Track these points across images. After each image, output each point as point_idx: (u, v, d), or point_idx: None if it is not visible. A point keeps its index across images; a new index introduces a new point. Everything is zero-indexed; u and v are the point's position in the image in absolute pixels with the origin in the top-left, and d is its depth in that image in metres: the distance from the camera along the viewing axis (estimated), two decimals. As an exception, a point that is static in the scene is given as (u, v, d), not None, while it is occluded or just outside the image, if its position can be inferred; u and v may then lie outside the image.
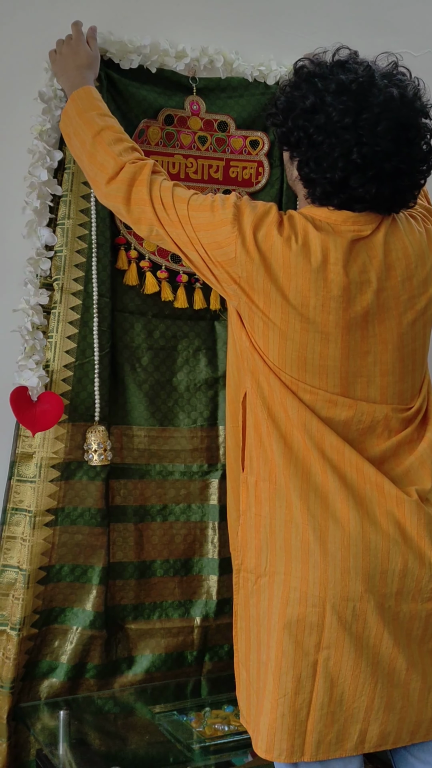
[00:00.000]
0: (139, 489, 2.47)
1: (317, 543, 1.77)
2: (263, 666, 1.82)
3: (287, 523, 1.80)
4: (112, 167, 1.96)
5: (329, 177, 1.78)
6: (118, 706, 2.42)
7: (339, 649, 1.76)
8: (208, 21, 2.44)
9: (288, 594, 1.78)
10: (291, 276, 1.77)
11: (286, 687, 1.76)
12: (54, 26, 2.28)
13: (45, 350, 2.33)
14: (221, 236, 1.81)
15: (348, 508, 1.79)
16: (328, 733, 1.77)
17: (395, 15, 2.65)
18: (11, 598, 2.33)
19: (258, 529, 1.84)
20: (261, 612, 1.83)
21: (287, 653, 1.77)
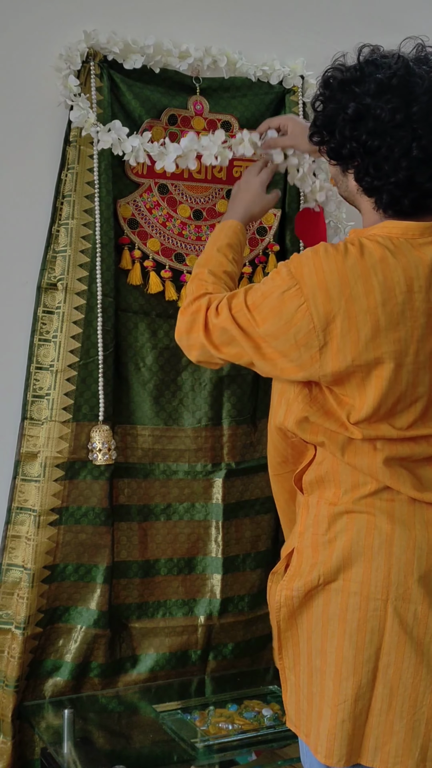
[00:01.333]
0: (143, 488, 2.47)
1: (382, 546, 1.74)
2: (317, 672, 1.79)
3: (348, 532, 1.77)
4: (179, 320, 1.91)
5: (394, 180, 1.69)
6: (122, 705, 2.43)
7: (399, 655, 1.73)
8: (211, 21, 2.44)
9: (347, 600, 1.75)
10: (378, 315, 1.67)
11: (347, 693, 1.74)
12: (57, 26, 2.28)
13: (49, 350, 2.34)
14: (289, 314, 1.70)
15: (414, 515, 1.76)
16: (387, 742, 1.74)
17: (399, 14, 2.65)
18: (16, 597, 2.33)
19: (316, 547, 1.80)
20: (314, 619, 1.79)
21: (347, 659, 1.74)
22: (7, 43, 2.28)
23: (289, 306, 1.70)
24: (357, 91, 1.70)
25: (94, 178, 2.32)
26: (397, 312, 1.68)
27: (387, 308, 1.68)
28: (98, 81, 2.30)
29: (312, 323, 1.68)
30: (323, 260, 1.69)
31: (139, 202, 2.41)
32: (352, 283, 1.67)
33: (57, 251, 2.33)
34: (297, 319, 1.69)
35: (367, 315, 1.67)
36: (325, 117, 1.76)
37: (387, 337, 1.69)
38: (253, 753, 2.27)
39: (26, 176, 2.32)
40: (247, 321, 1.75)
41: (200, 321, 1.83)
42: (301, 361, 1.72)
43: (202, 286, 1.92)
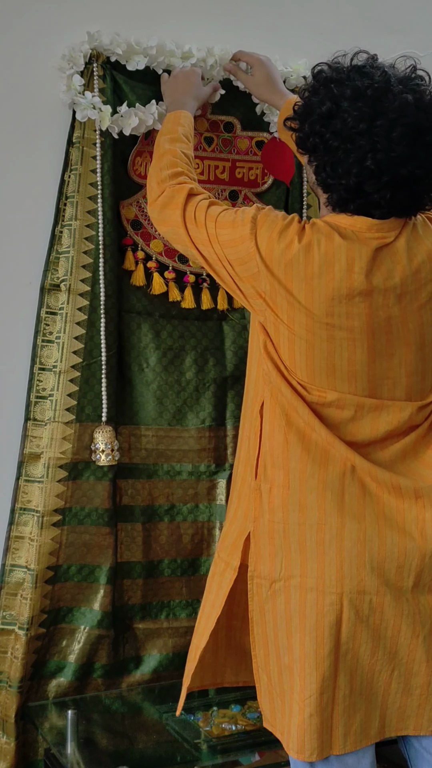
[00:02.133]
0: (147, 489, 2.48)
1: (333, 540, 1.79)
2: (286, 669, 1.84)
3: (301, 525, 1.81)
4: (155, 191, 2.03)
5: (344, 183, 1.78)
6: (126, 706, 2.43)
7: (357, 641, 1.79)
8: (214, 22, 2.44)
9: (305, 596, 1.80)
10: (314, 287, 1.77)
11: (312, 688, 1.78)
12: (60, 28, 2.29)
13: (52, 351, 2.34)
14: (243, 252, 1.83)
15: (364, 505, 1.81)
16: (352, 723, 1.80)
17: (402, 15, 2.65)
18: (19, 598, 2.34)
19: (272, 535, 1.85)
20: (278, 616, 1.84)
21: (309, 655, 1.78)
22: (11, 45, 2.29)
23: (243, 245, 1.83)
24: (335, 92, 1.77)
25: (97, 179, 2.32)
26: (333, 287, 1.77)
27: (322, 282, 1.77)
28: (101, 82, 2.30)
29: (257, 268, 1.82)
30: (283, 225, 1.81)
31: (143, 203, 2.41)
32: (295, 252, 1.78)
33: (60, 252, 2.34)
34: (247, 258, 1.82)
35: (303, 283, 1.78)
36: (304, 107, 1.84)
37: (320, 308, 1.78)
38: (257, 753, 2.27)
39: (29, 177, 2.33)
40: (213, 233, 1.89)
41: (180, 201, 1.96)
42: (249, 282, 1.85)
43: (175, 163, 2.06)
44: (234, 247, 1.84)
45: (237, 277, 1.87)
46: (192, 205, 1.94)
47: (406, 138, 1.73)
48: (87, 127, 2.31)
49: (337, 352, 1.81)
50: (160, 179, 2.03)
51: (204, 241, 1.90)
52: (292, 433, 1.85)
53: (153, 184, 2.05)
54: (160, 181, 2.02)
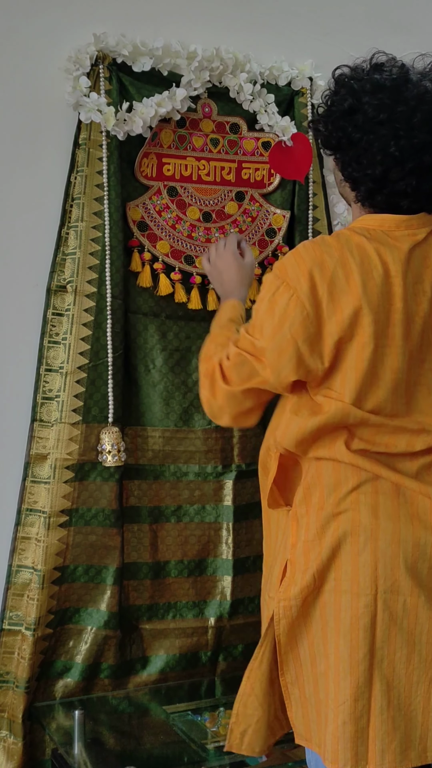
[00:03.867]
0: (154, 490, 2.48)
1: (368, 542, 1.77)
2: (322, 677, 1.79)
3: (334, 533, 1.79)
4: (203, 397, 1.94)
5: (370, 173, 1.78)
6: (133, 706, 2.43)
7: (392, 647, 1.75)
8: (219, 23, 2.44)
9: (340, 598, 1.77)
10: (359, 296, 1.73)
11: (345, 693, 1.74)
12: (67, 30, 2.29)
13: (58, 352, 2.35)
14: (281, 309, 1.75)
15: (398, 506, 1.79)
16: (392, 741, 1.74)
17: (407, 15, 2.65)
18: (26, 599, 2.34)
19: (307, 553, 1.81)
20: (313, 623, 1.80)
21: (343, 659, 1.75)
22: (17, 47, 2.29)
23: (280, 302, 1.76)
24: (356, 88, 1.80)
25: (103, 180, 2.33)
26: (377, 293, 1.74)
27: (367, 290, 1.74)
28: (107, 84, 2.31)
29: (305, 310, 1.74)
30: (302, 252, 1.78)
31: (149, 204, 2.42)
32: (330, 267, 1.74)
33: (66, 254, 2.34)
34: (289, 311, 1.75)
35: (349, 297, 1.74)
36: (327, 109, 1.86)
37: (367, 318, 1.74)
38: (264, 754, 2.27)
39: (36, 179, 2.33)
40: (250, 342, 1.81)
41: (217, 375, 1.88)
42: (299, 355, 1.76)
43: (209, 360, 1.95)
44: (273, 316, 1.76)
45: (306, 350, 1.76)
46: (224, 363, 1.86)
47: (428, 124, 1.74)
48: (93, 128, 2.31)
49: (380, 361, 1.77)
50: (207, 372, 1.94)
51: (249, 361, 1.82)
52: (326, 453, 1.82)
53: (203, 376, 1.94)
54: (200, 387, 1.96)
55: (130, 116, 2.30)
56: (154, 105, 2.30)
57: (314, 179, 2.55)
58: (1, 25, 2.27)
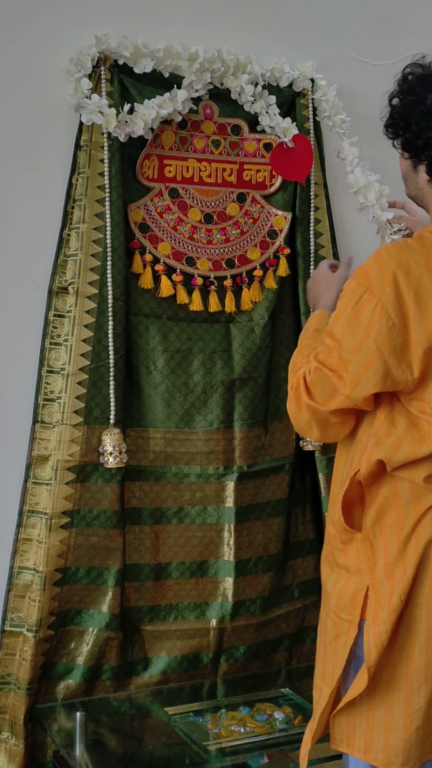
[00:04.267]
0: (155, 491, 2.48)
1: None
2: (382, 685, 1.77)
3: (416, 551, 1.75)
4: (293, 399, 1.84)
5: None
6: (134, 708, 2.43)
7: None
8: (221, 25, 2.44)
9: (416, 611, 1.75)
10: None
11: (420, 702, 1.74)
12: (69, 32, 2.29)
13: (60, 354, 2.35)
14: (366, 319, 1.67)
15: None
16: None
17: (408, 17, 2.65)
18: (28, 600, 2.34)
19: (390, 575, 1.77)
20: (393, 643, 1.77)
21: (419, 669, 1.74)
22: (19, 49, 2.29)
23: (364, 312, 1.68)
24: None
25: (104, 182, 2.33)
26: None
27: None
28: (109, 85, 2.31)
29: (390, 320, 1.66)
30: (386, 257, 1.69)
31: (150, 206, 2.42)
32: (417, 274, 1.66)
33: (68, 255, 2.34)
34: (374, 320, 1.67)
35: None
36: (403, 109, 1.77)
37: None
38: (265, 756, 2.27)
39: (37, 180, 2.34)
40: (331, 354, 1.73)
41: (302, 390, 1.79)
42: (387, 367, 1.68)
43: (295, 372, 1.86)
44: (358, 327, 1.68)
45: (393, 362, 1.69)
46: (308, 377, 1.77)
47: None
48: (95, 130, 2.32)
49: None
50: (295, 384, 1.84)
51: (330, 378, 1.74)
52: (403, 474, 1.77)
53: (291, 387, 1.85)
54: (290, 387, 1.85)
55: (131, 118, 2.30)
56: (155, 107, 2.30)
57: (316, 180, 2.55)
58: (3, 27, 2.28)
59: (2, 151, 2.31)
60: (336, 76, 2.53)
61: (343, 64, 2.56)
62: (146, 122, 2.30)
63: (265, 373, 2.55)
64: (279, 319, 2.57)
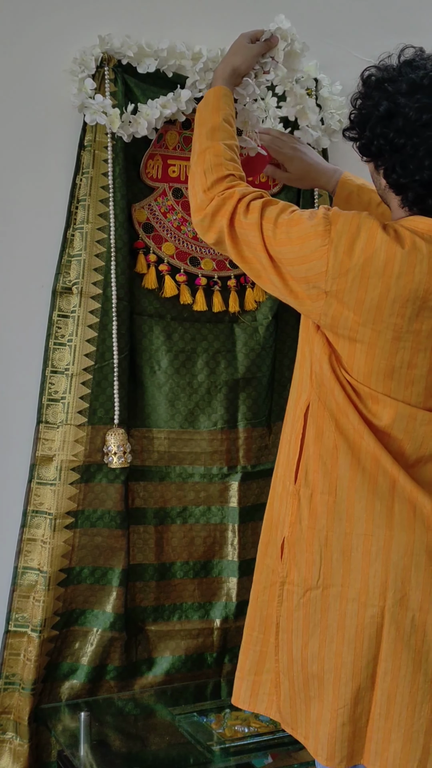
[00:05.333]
0: (159, 491, 2.48)
1: (380, 552, 1.75)
2: (313, 678, 1.80)
3: (347, 536, 1.77)
4: (202, 200, 1.90)
5: (418, 178, 1.73)
6: (139, 708, 2.43)
7: (396, 663, 1.74)
8: (224, 24, 2.43)
9: (345, 606, 1.76)
10: (391, 286, 1.70)
11: (346, 698, 1.76)
12: (72, 31, 2.29)
13: (64, 354, 2.35)
14: (310, 249, 1.73)
15: (414, 518, 1.76)
16: (385, 750, 1.75)
17: (412, 17, 2.65)
18: (32, 600, 2.34)
19: (311, 542, 1.81)
20: (311, 624, 1.80)
21: (346, 665, 1.76)
22: (23, 49, 2.29)
23: (312, 242, 1.73)
24: (390, 90, 1.73)
25: (108, 182, 2.33)
26: (410, 289, 1.70)
27: (401, 282, 1.70)
28: (112, 86, 2.31)
29: (326, 266, 1.72)
30: (361, 219, 1.73)
31: (154, 206, 2.42)
32: (377, 246, 1.70)
33: (72, 255, 2.34)
34: (315, 256, 1.73)
35: (380, 280, 1.70)
36: (360, 114, 1.80)
37: (392, 308, 1.71)
38: (269, 756, 2.27)
39: (41, 180, 2.34)
40: (269, 237, 1.79)
41: (228, 209, 1.84)
42: (309, 293, 1.76)
43: (222, 164, 1.90)
44: (296, 246, 1.74)
45: (294, 278, 1.77)
46: (242, 208, 1.83)
47: None
48: (98, 130, 2.32)
49: (399, 354, 1.75)
50: (206, 185, 1.90)
51: (254, 246, 1.81)
52: (341, 438, 1.79)
53: (198, 190, 1.91)
54: (207, 188, 1.90)
55: (134, 118, 2.30)
56: (158, 106, 2.30)
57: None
58: (7, 27, 2.28)
59: (6, 151, 2.31)
60: (339, 75, 2.53)
61: (347, 63, 2.55)
62: (150, 122, 2.30)
63: (268, 373, 2.55)
64: (282, 319, 2.56)
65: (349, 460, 1.78)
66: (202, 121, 2.00)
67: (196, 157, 1.95)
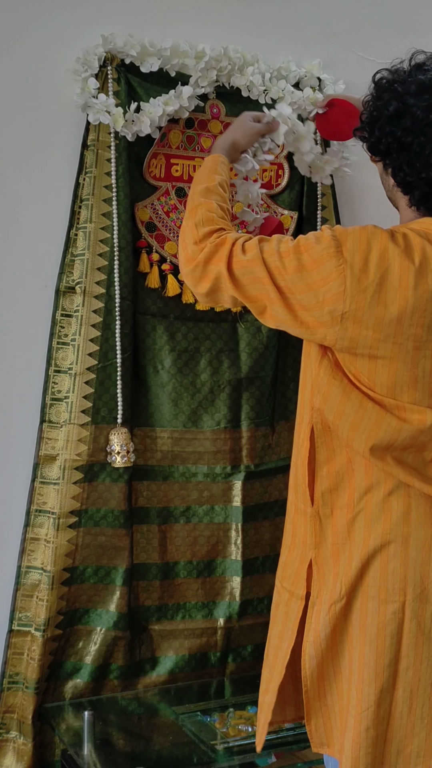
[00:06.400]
0: (163, 491, 2.48)
1: (398, 549, 1.75)
2: (345, 683, 1.78)
3: (365, 540, 1.77)
4: (192, 250, 1.86)
5: (425, 177, 1.74)
6: (142, 707, 2.43)
7: (418, 657, 1.74)
8: (227, 23, 2.44)
9: (366, 605, 1.76)
10: (408, 297, 1.69)
11: (369, 700, 1.74)
12: (75, 31, 2.29)
13: (67, 353, 2.35)
14: (324, 273, 1.70)
15: (430, 515, 1.76)
16: (408, 744, 1.74)
17: (416, 16, 2.65)
18: (35, 600, 2.34)
19: (336, 557, 1.80)
20: (338, 635, 1.79)
21: (369, 665, 1.74)
22: (26, 49, 2.30)
23: (326, 264, 1.70)
24: (400, 90, 1.75)
25: (111, 181, 2.33)
26: (427, 298, 1.70)
27: (418, 292, 1.69)
28: (116, 85, 2.31)
29: (344, 285, 1.68)
30: (369, 234, 1.72)
31: (157, 205, 2.42)
32: (390, 259, 1.69)
33: (75, 255, 2.35)
34: (331, 278, 1.69)
35: (398, 293, 1.69)
36: (370, 114, 1.81)
37: (412, 319, 1.70)
38: (273, 755, 2.27)
39: (44, 180, 2.34)
40: (277, 267, 1.75)
41: (224, 253, 1.81)
42: (323, 319, 1.72)
43: (213, 219, 1.90)
44: (315, 270, 1.71)
45: (303, 307, 1.73)
46: (238, 250, 1.80)
47: None
48: (101, 129, 2.32)
49: (420, 363, 1.73)
50: (197, 237, 1.86)
51: (260, 280, 1.76)
52: (353, 452, 1.78)
53: (188, 242, 1.87)
54: (198, 240, 1.86)
55: (138, 117, 2.30)
56: (161, 104, 2.30)
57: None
58: (10, 27, 2.28)
59: (10, 151, 2.31)
60: (343, 75, 2.53)
61: (350, 62, 2.56)
62: (153, 120, 2.30)
63: (271, 372, 2.55)
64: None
65: (363, 470, 1.78)
66: (198, 181, 2.01)
67: (188, 212, 1.95)
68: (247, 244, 1.80)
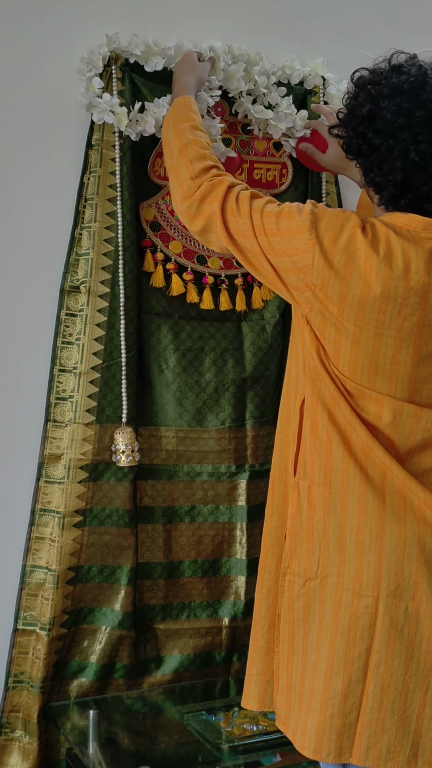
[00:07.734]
0: (168, 490, 2.48)
1: (373, 544, 1.78)
2: (310, 668, 1.83)
3: (342, 527, 1.81)
4: (189, 186, 1.96)
5: (392, 179, 1.78)
6: (147, 706, 2.43)
7: (390, 653, 1.76)
8: (232, 22, 2.44)
9: (340, 596, 1.79)
10: (372, 283, 1.75)
11: (336, 689, 1.77)
12: (79, 31, 2.30)
13: (72, 353, 2.35)
14: (297, 243, 1.79)
15: (405, 510, 1.79)
16: (379, 740, 1.77)
17: (421, 14, 2.64)
18: (40, 599, 2.35)
19: (310, 532, 1.85)
20: (311, 614, 1.84)
21: (338, 654, 1.78)
22: (30, 48, 2.30)
23: (299, 236, 1.79)
24: (374, 92, 1.79)
25: (116, 181, 2.33)
26: (390, 285, 1.75)
27: (380, 281, 1.75)
28: (120, 84, 2.31)
29: (311, 260, 1.77)
30: (344, 218, 1.79)
31: (161, 204, 2.42)
32: (357, 245, 1.76)
33: (80, 254, 2.35)
34: (302, 250, 1.79)
35: (361, 279, 1.75)
36: (346, 113, 1.86)
37: (374, 305, 1.76)
38: (278, 754, 2.27)
39: (48, 180, 2.34)
40: (259, 225, 1.85)
41: (219, 193, 1.91)
42: (297, 284, 1.82)
43: (206, 156, 1.99)
44: (286, 238, 1.80)
45: (282, 269, 1.83)
46: (232, 196, 1.90)
47: None
48: (106, 129, 2.32)
49: (382, 350, 1.79)
50: (193, 173, 1.96)
51: (245, 233, 1.87)
52: (334, 430, 1.83)
53: (185, 178, 1.97)
54: (195, 176, 1.96)
55: (142, 116, 2.30)
56: (165, 104, 2.30)
57: (327, 178, 2.55)
58: (14, 26, 2.28)
59: (14, 150, 2.31)
60: (347, 73, 2.51)
61: (354, 61, 2.54)
62: (157, 120, 2.30)
63: (276, 371, 2.55)
64: (290, 317, 2.55)
65: (341, 452, 1.83)
66: (179, 119, 2.08)
67: (179, 150, 2.02)
68: (241, 194, 1.90)
